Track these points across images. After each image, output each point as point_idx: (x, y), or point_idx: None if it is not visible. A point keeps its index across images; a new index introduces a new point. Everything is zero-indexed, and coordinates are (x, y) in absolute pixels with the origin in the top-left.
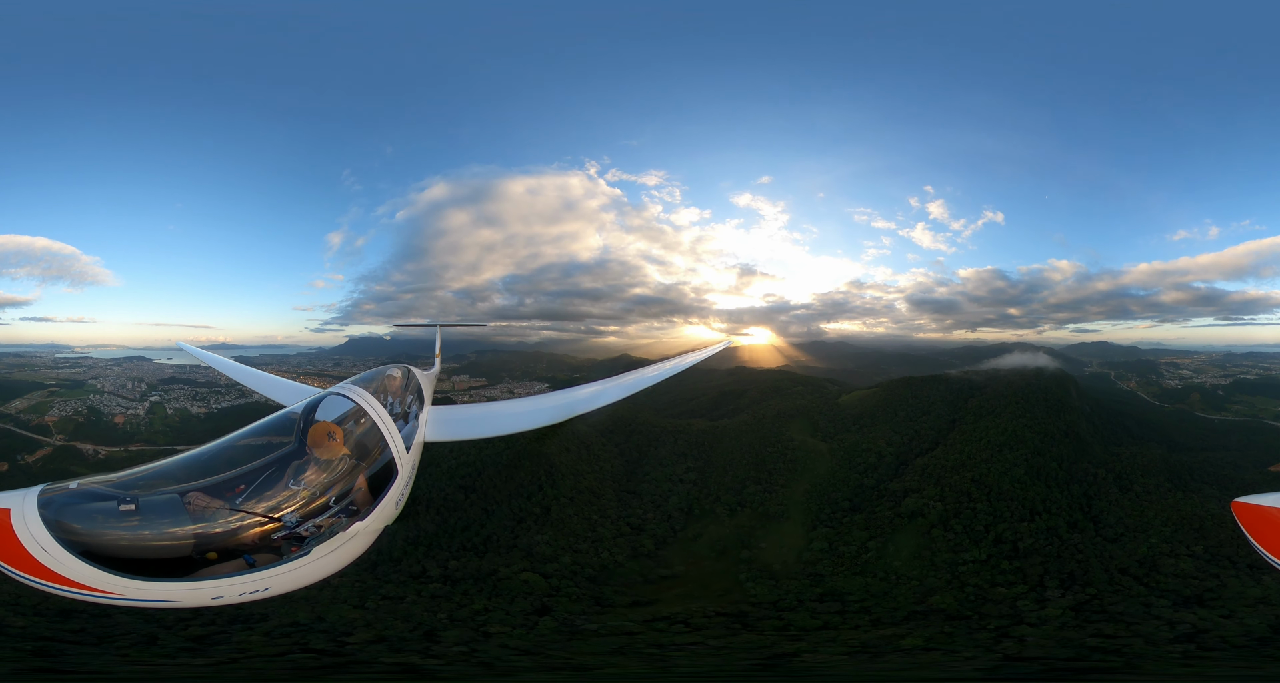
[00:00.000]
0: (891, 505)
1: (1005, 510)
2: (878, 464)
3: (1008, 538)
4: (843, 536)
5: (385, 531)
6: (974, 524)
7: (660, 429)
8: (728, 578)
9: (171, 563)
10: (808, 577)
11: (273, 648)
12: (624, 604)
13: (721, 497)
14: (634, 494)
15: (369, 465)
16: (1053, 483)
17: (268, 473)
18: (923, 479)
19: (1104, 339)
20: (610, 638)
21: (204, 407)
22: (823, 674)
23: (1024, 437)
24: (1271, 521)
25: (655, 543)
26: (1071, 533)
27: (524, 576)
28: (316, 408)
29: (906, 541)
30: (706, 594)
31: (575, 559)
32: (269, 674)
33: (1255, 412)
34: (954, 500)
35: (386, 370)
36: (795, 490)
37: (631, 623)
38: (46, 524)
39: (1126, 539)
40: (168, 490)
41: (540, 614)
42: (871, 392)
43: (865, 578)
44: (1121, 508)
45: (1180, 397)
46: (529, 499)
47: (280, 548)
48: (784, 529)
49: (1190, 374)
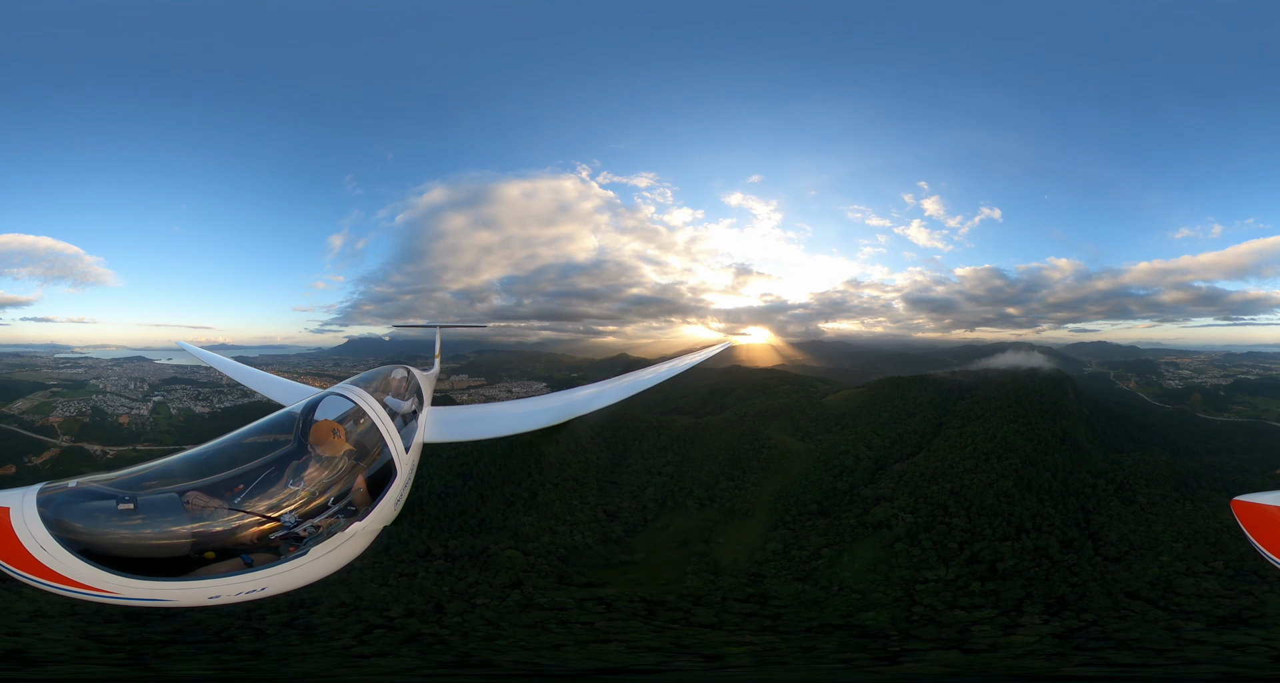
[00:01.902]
0: (859, 513)
1: (986, 528)
2: (854, 468)
3: (985, 558)
4: (800, 539)
5: (384, 531)
6: (946, 541)
7: (645, 424)
8: (678, 569)
9: (169, 562)
10: (748, 575)
11: (350, 628)
12: (579, 583)
13: (694, 491)
14: (614, 484)
15: (368, 466)
16: (1045, 496)
17: (266, 473)
18: (897, 487)
19: (1103, 339)
20: (545, 612)
21: (207, 407)
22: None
23: (1014, 444)
24: (1272, 519)
25: (625, 531)
26: (1065, 553)
27: (508, 553)
28: (316, 408)
29: (865, 551)
30: (653, 582)
31: (553, 540)
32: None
33: (1258, 413)
34: (927, 513)
35: (386, 371)
36: (765, 490)
37: (571, 601)
38: (46, 523)
39: (1132, 559)
40: (166, 490)
41: (514, 587)
42: (857, 392)
43: (804, 585)
44: (1125, 523)
45: (1181, 397)
46: (519, 485)
47: (278, 548)
48: (746, 527)
49: (1190, 374)
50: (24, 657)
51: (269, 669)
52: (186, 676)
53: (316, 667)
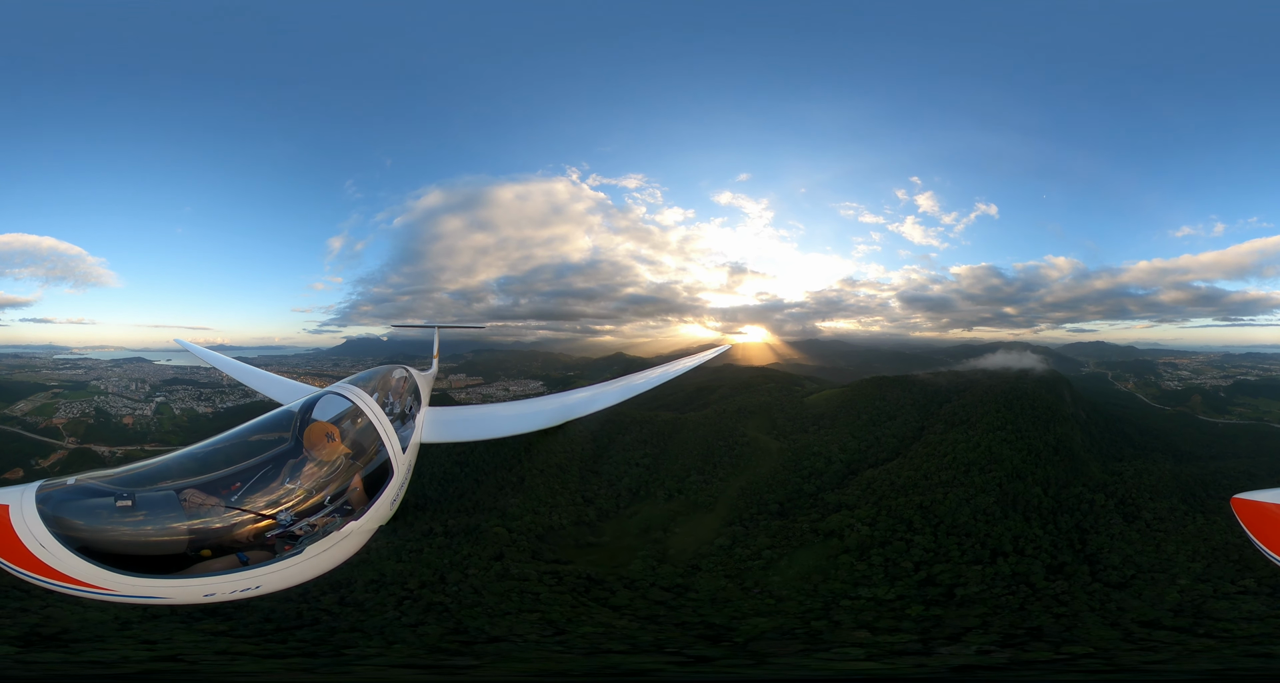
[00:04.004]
0: (815, 518)
1: (954, 549)
2: (824, 470)
3: (943, 581)
4: (749, 538)
5: (380, 530)
6: (901, 559)
7: (630, 419)
8: (631, 553)
9: (165, 559)
10: (687, 566)
11: (388, 601)
12: (548, 559)
13: (665, 483)
14: (595, 473)
15: (364, 465)
16: (1033, 515)
17: (263, 471)
18: (863, 496)
19: (1101, 339)
20: (514, 581)
21: (210, 407)
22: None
23: (1001, 455)
24: (1271, 517)
25: (598, 516)
26: (1053, 580)
27: (495, 529)
28: (314, 407)
29: (807, 559)
30: (608, 563)
31: (534, 520)
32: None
33: (1260, 415)
34: (887, 527)
35: (384, 371)
36: (731, 486)
37: (534, 573)
38: (44, 520)
39: (1140, 584)
40: (164, 487)
41: (496, 559)
42: (839, 391)
43: (729, 582)
44: (1129, 543)
45: (1181, 399)
46: (509, 471)
47: (274, 546)
48: (704, 521)
49: (1189, 375)
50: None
51: (375, 643)
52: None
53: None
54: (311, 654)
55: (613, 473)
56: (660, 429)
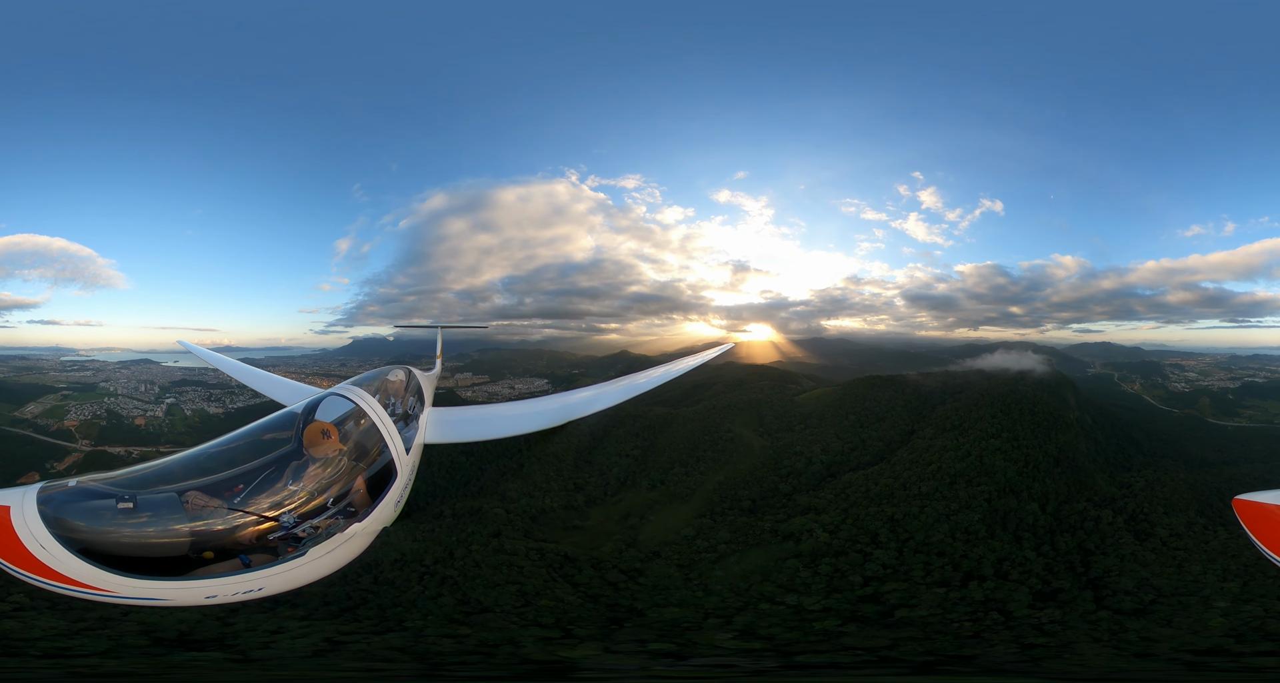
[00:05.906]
0: (780, 519)
1: (918, 569)
2: (803, 470)
3: (889, 601)
4: (712, 531)
5: (383, 532)
6: (851, 573)
7: (625, 412)
8: (606, 536)
9: (167, 562)
10: (650, 552)
11: (414, 578)
12: (538, 538)
13: (650, 474)
14: (589, 463)
15: (368, 467)
16: (1025, 535)
17: (266, 473)
18: (834, 501)
19: (1107, 339)
20: (506, 555)
21: (220, 407)
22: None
23: (993, 467)
24: (1273, 518)
25: (586, 501)
26: (1042, 607)
27: (495, 510)
28: (316, 408)
29: (757, 559)
30: (587, 544)
31: (530, 502)
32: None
33: (1270, 417)
34: (848, 537)
35: (387, 372)
36: (710, 480)
37: (523, 549)
38: (45, 522)
39: (1162, 610)
40: (166, 489)
41: (494, 536)
42: (830, 390)
43: (675, 571)
44: (1143, 565)
45: (1189, 401)
46: (510, 458)
47: (276, 548)
48: (678, 511)
49: (1196, 377)
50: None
51: (418, 618)
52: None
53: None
54: (381, 632)
55: (605, 463)
56: (653, 423)
